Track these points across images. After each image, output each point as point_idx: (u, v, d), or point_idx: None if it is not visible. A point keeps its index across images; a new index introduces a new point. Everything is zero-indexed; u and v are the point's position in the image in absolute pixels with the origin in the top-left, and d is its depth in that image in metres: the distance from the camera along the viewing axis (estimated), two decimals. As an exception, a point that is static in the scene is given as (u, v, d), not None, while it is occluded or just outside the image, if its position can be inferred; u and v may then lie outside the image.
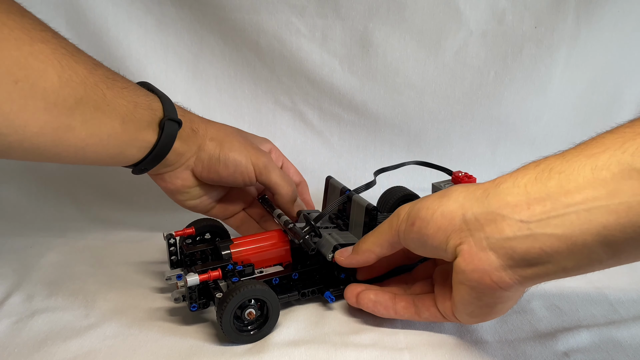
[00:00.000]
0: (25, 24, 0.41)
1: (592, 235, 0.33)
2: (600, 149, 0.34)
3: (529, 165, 0.38)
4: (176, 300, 0.50)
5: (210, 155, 0.54)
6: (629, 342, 0.45)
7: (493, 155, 0.79)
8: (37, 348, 0.46)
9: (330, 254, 0.49)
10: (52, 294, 0.54)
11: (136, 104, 0.48)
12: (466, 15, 0.71)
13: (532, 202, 0.36)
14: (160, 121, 0.50)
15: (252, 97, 0.76)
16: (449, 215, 0.39)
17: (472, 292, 0.39)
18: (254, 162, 0.55)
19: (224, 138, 0.55)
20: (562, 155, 0.36)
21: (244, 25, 0.71)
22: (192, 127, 0.53)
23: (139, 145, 0.50)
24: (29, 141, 0.42)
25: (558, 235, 0.34)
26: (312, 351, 0.45)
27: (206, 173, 0.55)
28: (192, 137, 0.53)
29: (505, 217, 0.37)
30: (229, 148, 0.54)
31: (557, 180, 0.35)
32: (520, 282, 0.37)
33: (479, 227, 0.38)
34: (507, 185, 0.37)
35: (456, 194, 0.40)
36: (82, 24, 0.69)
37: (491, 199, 0.38)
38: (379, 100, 0.75)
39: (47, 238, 0.67)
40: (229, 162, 0.54)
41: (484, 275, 0.38)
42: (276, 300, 0.46)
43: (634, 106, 0.79)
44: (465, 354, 0.44)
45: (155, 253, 0.62)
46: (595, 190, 0.33)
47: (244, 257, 0.51)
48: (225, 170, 0.54)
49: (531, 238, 0.35)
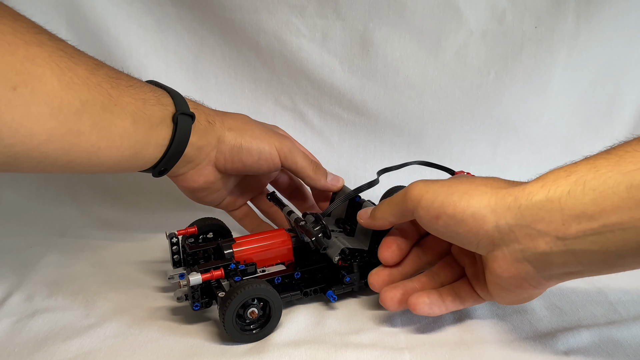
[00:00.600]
0: (19, 27, 0.40)
1: (627, 250, 0.35)
2: (635, 165, 0.34)
3: (558, 173, 0.38)
4: (179, 299, 0.50)
5: (232, 146, 0.53)
6: (629, 342, 0.45)
7: (493, 155, 0.79)
8: (37, 348, 0.46)
9: (336, 257, 0.49)
10: (52, 294, 0.54)
11: (145, 101, 0.47)
12: (466, 15, 0.71)
13: (568, 219, 0.36)
14: (173, 116, 0.49)
15: (252, 97, 0.76)
16: (481, 219, 0.39)
17: (509, 291, 0.41)
18: (278, 148, 0.55)
19: (242, 127, 0.54)
20: (594, 165, 0.36)
21: (244, 25, 0.71)
22: (207, 119, 0.52)
23: (155, 144, 0.48)
24: (37, 150, 0.41)
25: (594, 250, 0.35)
26: (312, 351, 0.45)
27: (230, 164, 0.54)
28: (210, 129, 0.52)
29: (541, 232, 0.37)
30: (251, 135, 0.54)
31: (592, 197, 0.35)
32: (556, 282, 0.40)
33: (513, 239, 0.38)
34: (540, 198, 0.37)
35: (484, 196, 0.40)
36: (82, 24, 0.69)
37: (525, 212, 0.38)
38: (379, 100, 0.75)
39: (47, 238, 0.67)
40: (252, 150, 0.53)
41: (522, 281, 0.39)
42: (278, 300, 0.47)
43: (634, 106, 0.79)
44: (465, 354, 0.44)
45: (156, 252, 0.62)
46: (631, 212, 0.34)
47: (247, 256, 0.51)
48: (250, 158, 0.54)
49: (568, 253, 0.36)
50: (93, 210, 0.74)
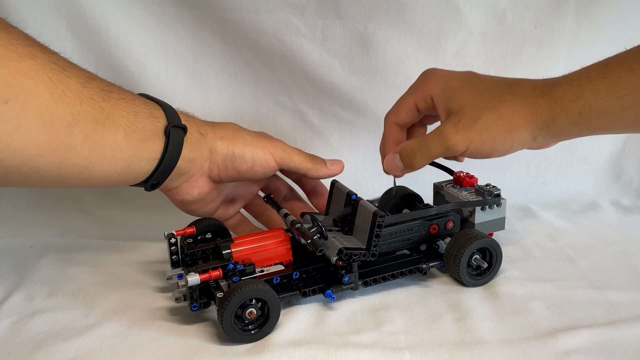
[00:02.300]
0: (11, 39, 0.39)
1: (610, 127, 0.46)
2: (625, 91, 0.43)
3: (570, 97, 0.45)
4: (177, 299, 0.50)
5: (225, 155, 0.53)
6: (629, 342, 0.45)
7: (493, 155, 0.79)
8: (37, 348, 0.46)
9: (334, 257, 0.49)
10: (52, 294, 0.54)
11: (136, 114, 0.47)
12: (466, 15, 0.71)
13: (583, 129, 0.47)
14: (165, 129, 0.48)
15: (252, 97, 0.76)
16: (524, 145, 0.49)
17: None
18: (272, 151, 0.55)
19: (234, 134, 0.54)
20: (595, 90, 0.44)
21: (244, 25, 0.71)
22: (199, 131, 0.52)
23: (147, 157, 0.48)
24: (28, 165, 0.41)
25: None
26: (312, 351, 0.45)
27: (224, 173, 0.54)
28: (202, 141, 0.52)
29: (562, 138, 0.50)
30: (243, 142, 0.54)
31: (597, 115, 0.45)
32: None
33: (545, 145, 0.51)
34: (562, 121, 0.46)
35: (522, 128, 0.47)
36: (82, 24, 0.69)
37: (555, 130, 0.47)
38: (379, 100, 0.75)
39: (47, 238, 0.67)
40: (246, 157, 0.53)
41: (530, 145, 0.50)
42: (277, 300, 0.47)
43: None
44: (465, 354, 0.44)
45: (156, 253, 0.62)
46: (623, 124, 0.45)
47: (245, 256, 0.51)
48: (244, 165, 0.54)
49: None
50: (93, 210, 0.74)
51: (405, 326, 0.48)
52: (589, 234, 0.66)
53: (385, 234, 0.53)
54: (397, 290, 0.54)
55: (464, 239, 0.54)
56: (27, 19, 0.67)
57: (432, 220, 0.56)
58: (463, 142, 0.48)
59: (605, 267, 0.58)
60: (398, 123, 0.57)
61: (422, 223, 0.56)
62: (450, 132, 0.48)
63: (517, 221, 0.69)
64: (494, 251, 0.55)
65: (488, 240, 0.54)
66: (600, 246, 0.63)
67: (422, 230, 0.56)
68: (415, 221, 0.55)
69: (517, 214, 0.72)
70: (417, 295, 0.53)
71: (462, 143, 0.48)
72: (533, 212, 0.72)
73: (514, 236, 0.65)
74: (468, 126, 0.48)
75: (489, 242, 0.54)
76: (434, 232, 0.57)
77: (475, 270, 0.55)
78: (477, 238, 0.53)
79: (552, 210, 0.73)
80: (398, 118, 0.56)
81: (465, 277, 0.54)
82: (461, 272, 0.53)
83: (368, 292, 0.54)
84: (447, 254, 0.54)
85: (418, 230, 0.56)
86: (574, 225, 0.68)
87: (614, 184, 0.79)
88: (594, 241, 0.64)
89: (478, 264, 0.54)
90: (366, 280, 0.52)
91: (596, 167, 0.79)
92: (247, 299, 0.45)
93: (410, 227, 0.55)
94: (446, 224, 0.57)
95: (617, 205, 0.74)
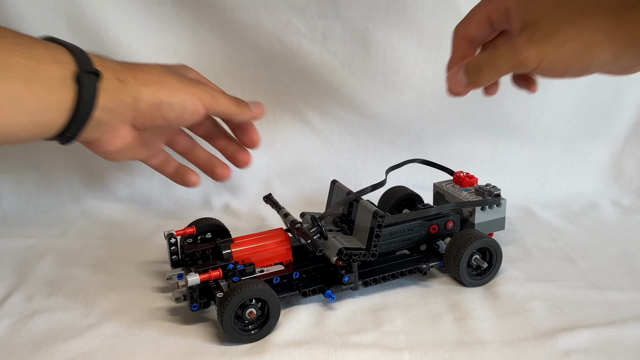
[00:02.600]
0: None
1: None
2: None
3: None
4: (177, 300, 0.50)
5: (151, 103, 0.48)
6: (629, 342, 0.45)
7: (493, 156, 0.79)
8: (37, 348, 0.46)
9: (334, 257, 0.49)
10: (52, 294, 0.54)
11: (37, 60, 0.41)
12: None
13: None
14: (75, 75, 0.43)
15: (252, 97, 0.75)
16: (603, 65, 0.42)
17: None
18: (200, 97, 0.50)
19: (159, 80, 0.49)
20: None
21: (244, 25, 0.71)
22: (117, 76, 0.46)
23: (56, 108, 0.43)
24: None
25: None
26: (312, 351, 0.45)
27: (150, 122, 0.49)
28: (121, 88, 0.46)
29: None
30: (170, 88, 0.49)
31: None
32: None
33: (629, 68, 0.43)
34: None
35: (604, 44, 0.41)
36: (82, 24, 0.69)
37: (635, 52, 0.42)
38: (379, 100, 0.75)
39: (47, 238, 0.67)
40: (174, 105, 0.48)
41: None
42: (277, 300, 0.47)
43: (634, 106, 0.79)
44: (465, 354, 0.44)
45: (156, 253, 0.62)
46: None
47: (245, 256, 0.51)
48: (172, 113, 0.49)
49: None
50: (93, 210, 0.74)
51: (405, 326, 0.48)
52: (589, 234, 0.66)
53: (385, 234, 0.53)
54: (397, 290, 0.54)
55: (464, 239, 0.54)
56: (27, 19, 0.67)
57: (432, 220, 0.56)
58: (535, 56, 0.42)
59: (605, 267, 0.58)
60: (468, 36, 0.51)
61: (422, 223, 0.56)
62: (522, 45, 0.43)
63: (517, 221, 0.69)
64: (494, 251, 0.55)
65: (488, 240, 0.54)
66: (600, 246, 0.63)
67: (422, 230, 0.56)
68: (415, 221, 0.56)
69: (517, 214, 0.72)
70: (417, 295, 0.53)
71: (534, 58, 0.42)
72: (533, 212, 0.72)
73: (514, 236, 0.65)
74: (543, 40, 0.42)
75: (489, 242, 0.54)
76: (434, 232, 0.57)
77: (475, 270, 0.55)
78: (477, 238, 0.53)
79: (552, 211, 0.73)
80: (468, 30, 0.51)
81: (465, 277, 0.54)
82: (461, 272, 0.53)
83: (368, 292, 0.54)
84: (447, 254, 0.54)
85: (418, 230, 0.56)
86: (574, 225, 0.69)
87: (614, 184, 0.79)
88: (594, 241, 0.64)
89: (478, 264, 0.54)
90: (366, 280, 0.52)
91: (596, 167, 0.80)
92: (247, 299, 0.45)
93: (410, 227, 0.55)
94: (446, 224, 0.57)
95: (617, 205, 0.74)
